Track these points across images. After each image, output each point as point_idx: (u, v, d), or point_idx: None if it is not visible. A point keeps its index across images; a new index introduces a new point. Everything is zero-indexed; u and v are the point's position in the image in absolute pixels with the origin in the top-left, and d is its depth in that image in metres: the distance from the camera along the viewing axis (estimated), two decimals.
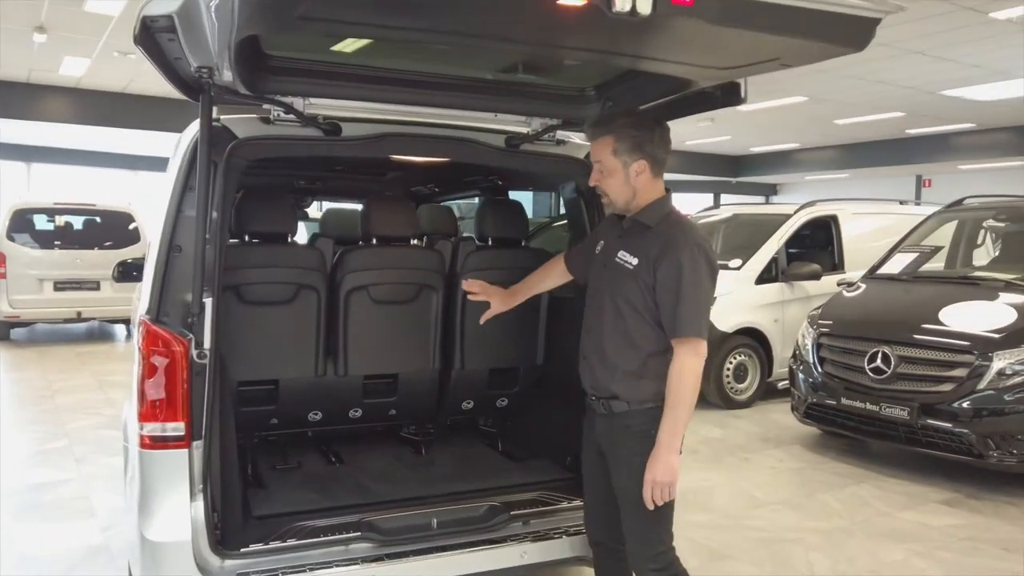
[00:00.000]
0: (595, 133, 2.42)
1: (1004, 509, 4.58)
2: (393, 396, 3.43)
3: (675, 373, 2.27)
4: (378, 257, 3.25)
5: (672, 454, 2.28)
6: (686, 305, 2.25)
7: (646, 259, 2.32)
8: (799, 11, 1.72)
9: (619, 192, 2.40)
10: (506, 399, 3.66)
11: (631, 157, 2.35)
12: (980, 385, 4.75)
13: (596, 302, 2.49)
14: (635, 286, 2.34)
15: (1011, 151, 15.52)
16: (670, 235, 2.32)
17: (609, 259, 2.45)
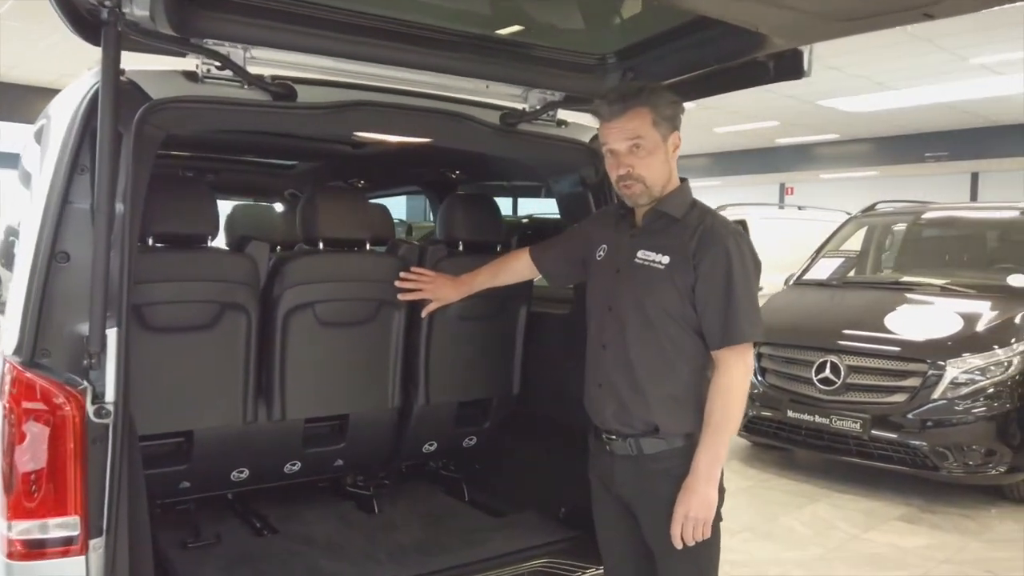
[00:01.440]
0: (627, 105, 1.93)
1: (963, 524, 4.45)
2: (341, 442, 2.70)
3: (722, 389, 1.89)
4: (328, 266, 2.52)
5: (711, 486, 1.89)
6: (738, 305, 1.88)
7: (682, 255, 1.92)
8: None
9: (659, 173, 1.97)
10: (475, 437, 3.02)
11: (669, 129, 1.97)
12: (934, 395, 4.61)
13: (614, 315, 2.02)
14: (670, 289, 1.93)
15: (868, 161, 16.48)
16: (707, 225, 1.95)
17: (625, 262, 2.01)
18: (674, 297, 1.92)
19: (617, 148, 1.96)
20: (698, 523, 1.89)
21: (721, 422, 1.88)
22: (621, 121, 1.94)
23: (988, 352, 4.65)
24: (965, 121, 13.38)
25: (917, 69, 9.71)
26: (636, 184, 1.96)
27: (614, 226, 2.12)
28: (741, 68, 2.17)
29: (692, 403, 1.94)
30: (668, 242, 1.95)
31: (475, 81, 2.27)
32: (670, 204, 1.99)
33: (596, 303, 2.11)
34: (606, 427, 2.03)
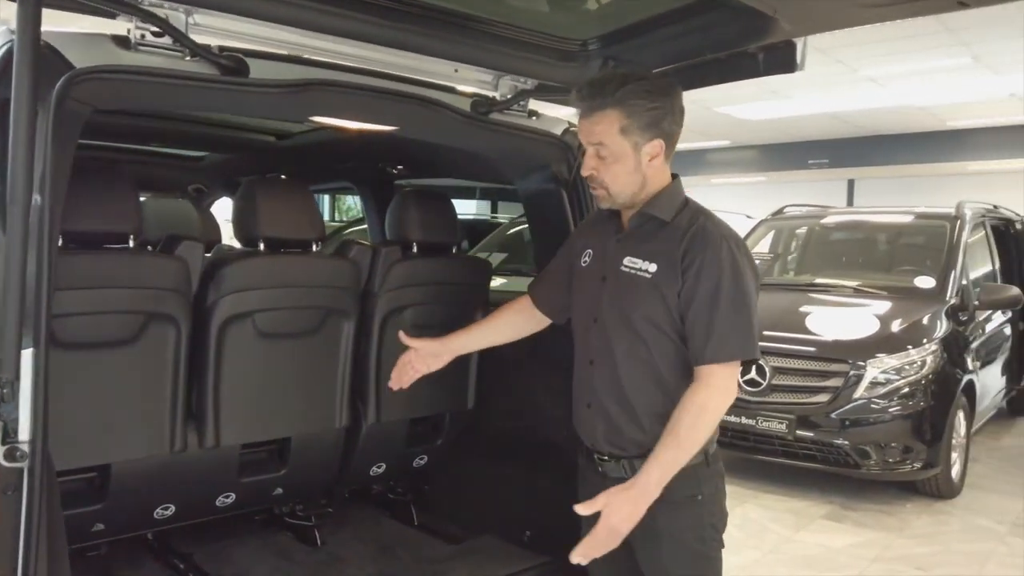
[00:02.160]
0: (594, 105, 1.73)
1: (884, 520, 4.57)
2: (282, 469, 2.39)
3: (695, 405, 1.68)
4: (270, 270, 2.21)
5: (646, 501, 1.70)
6: (726, 316, 1.68)
7: (669, 262, 1.74)
8: None
9: (625, 183, 1.77)
10: (425, 456, 2.77)
11: (644, 136, 1.74)
12: (855, 395, 4.71)
13: (600, 328, 1.83)
14: (657, 299, 1.74)
15: (756, 167, 17.16)
16: (697, 228, 1.75)
17: (611, 269, 1.83)
18: (662, 309, 1.74)
19: (584, 147, 1.80)
20: (616, 538, 1.71)
21: (685, 440, 1.69)
22: (589, 122, 1.75)
23: (903, 352, 4.80)
24: (845, 131, 14.13)
25: (810, 79, 10.10)
26: (599, 188, 1.80)
27: (600, 230, 1.93)
28: (729, 60, 2.06)
29: None
30: (656, 247, 1.77)
31: (443, 63, 2.04)
32: (658, 205, 1.80)
33: (581, 315, 1.92)
34: (597, 448, 1.87)
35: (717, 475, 1.83)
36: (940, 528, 4.45)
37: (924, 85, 10.23)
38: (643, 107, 1.71)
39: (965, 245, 5.65)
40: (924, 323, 5.05)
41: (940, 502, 4.85)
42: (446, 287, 2.57)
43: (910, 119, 12.74)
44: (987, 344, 5.74)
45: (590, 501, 1.73)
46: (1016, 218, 7.13)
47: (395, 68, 1.97)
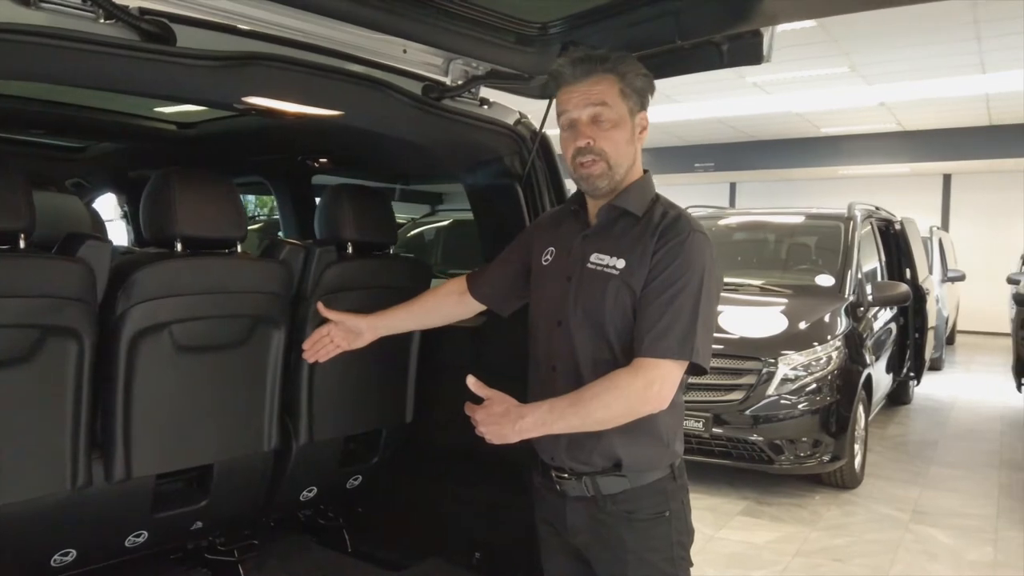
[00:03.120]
0: (590, 69, 1.63)
1: (798, 514, 4.68)
2: (202, 500, 2.10)
3: (615, 383, 1.54)
4: (190, 274, 1.92)
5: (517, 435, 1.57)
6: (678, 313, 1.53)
7: (640, 258, 1.61)
8: None
9: (624, 153, 1.65)
10: (360, 476, 2.53)
11: (637, 104, 1.66)
12: (768, 391, 4.81)
13: (564, 331, 1.69)
14: (626, 298, 1.61)
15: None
16: (670, 219, 1.64)
17: (577, 268, 1.69)
18: (631, 303, 1.61)
19: (577, 116, 1.63)
20: (490, 429, 1.58)
21: (581, 403, 1.54)
22: (585, 84, 1.62)
23: (810, 349, 4.94)
24: (731, 136, 14.73)
25: (701, 84, 10.43)
26: (598, 162, 1.63)
27: (563, 227, 1.80)
28: (693, 50, 1.96)
29: (660, 434, 1.65)
30: (626, 243, 1.65)
31: (391, 43, 1.84)
32: (630, 198, 1.68)
33: (543, 316, 1.76)
34: (557, 464, 1.72)
35: (683, 489, 1.73)
36: (849, 519, 4.60)
37: (805, 92, 10.77)
38: (635, 73, 1.65)
39: (859, 244, 5.92)
40: (827, 320, 5.23)
41: (845, 492, 5.03)
42: (384, 291, 2.35)
43: (789, 125, 13.41)
44: (878, 339, 6.04)
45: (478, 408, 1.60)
46: (894, 219, 7.57)
47: (340, 45, 1.75)
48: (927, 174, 14.59)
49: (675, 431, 1.69)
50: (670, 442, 1.66)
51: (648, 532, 1.66)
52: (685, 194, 13.99)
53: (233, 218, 2.02)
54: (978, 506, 4.79)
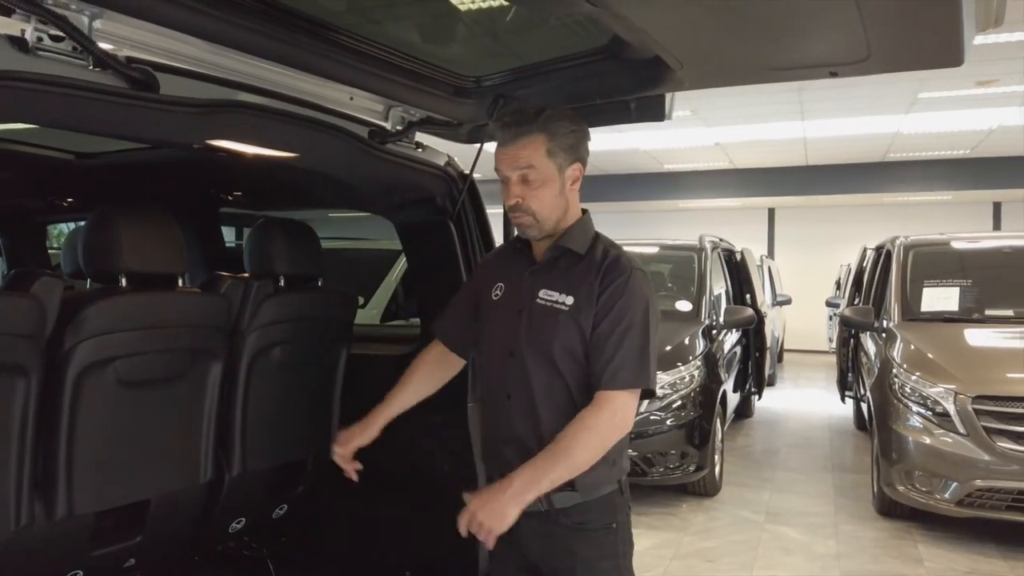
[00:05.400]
0: (520, 131, 1.75)
1: (671, 521, 5.07)
2: (137, 536, 2.07)
3: (583, 424, 1.68)
4: (137, 309, 1.92)
5: (514, 505, 1.67)
6: (628, 347, 1.70)
7: (587, 295, 1.75)
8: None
9: (552, 207, 1.78)
10: (286, 505, 2.56)
11: (567, 159, 1.79)
12: (640, 409, 5.20)
13: (517, 361, 1.81)
14: (575, 331, 1.75)
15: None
16: (612, 259, 1.78)
17: (526, 302, 1.82)
18: (579, 341, 1.75)
19: (507, 176, 1.78)
20: (482, 527, 1.69)
21: (561, 452, 1.66)
22: (514, 148, 1.76)
23: (675, 369, 5.39)
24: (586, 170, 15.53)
25: None
26: (526, 216, 1.78)
27: (511, 263, 1.93)
28: (607, 106, 2.22)
29: (609, 455, 1.75)
30: (573, 280, 1.78)
31: (341, 90, 1.98)
32: (572, 238, 1.82)
33: (495, 348, 1.88)
34: None
35: (628, 503, 1.88)
36: (714, 523, 5.04)
37: (652, 132, 11.62)
38: (565, 130, 1.76)
39: (710, 272, 6.52)
40: (687, 342, 5.72)
41: (708, 500, 5.50)
42: (313, 322, 2.43)
43: (637, 161, 14.36)
44: (728, 358, 6.65)
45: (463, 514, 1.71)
46: (735, 249, 8.36)
47: (296, 92, 1.86)
48: (755, 207, 16.10)
49: (621, 451, 1.81)
50: (616, 460, 1.79)
51: (598, 542, 1.80)
52: None
53: (176, 253, 2.04)
54: (819, 505, 5.41)
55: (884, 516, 5.05)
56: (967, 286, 5.42)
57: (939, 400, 4.50)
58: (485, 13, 1.99)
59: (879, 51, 1.63)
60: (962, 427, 4.37)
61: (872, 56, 1.66)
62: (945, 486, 4.42)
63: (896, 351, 5.03)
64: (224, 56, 1.66)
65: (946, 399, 4.46)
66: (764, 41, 1.70)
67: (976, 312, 5.29)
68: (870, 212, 15.25)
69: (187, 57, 1.59)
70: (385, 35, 1.95)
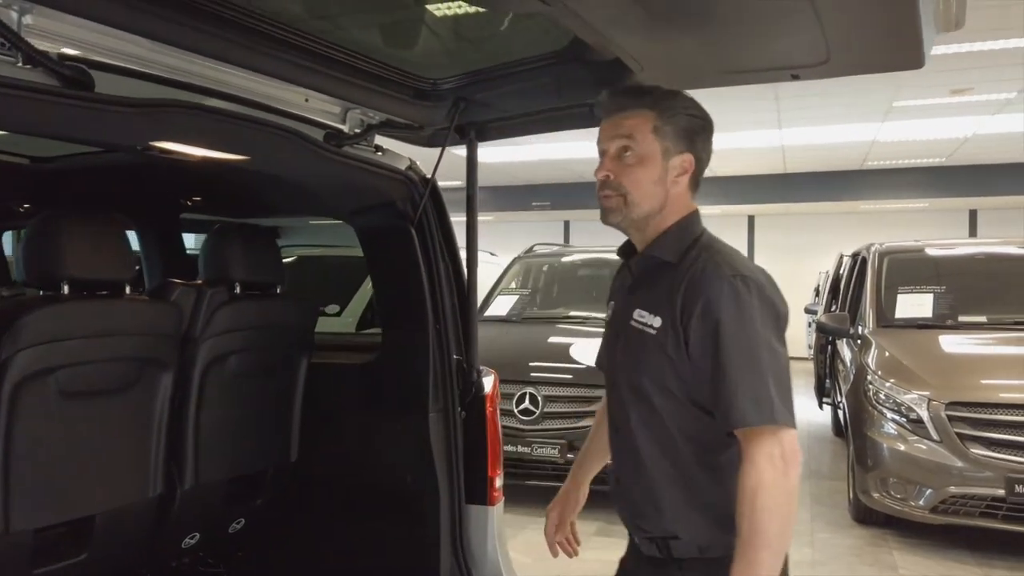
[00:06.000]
0: (627, 103, 1.57)
1: None
2: (82, 553, 1.99)
3: (747, 492, 1.39)
4: (80, 317, 1.85)
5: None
6: (733, 375, 1.40)
7: (671, 314, 1.48)
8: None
9: (647, 193, 1.54)
10: (243, 519, 2.49)
11: (677, 145, 1.55)
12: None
13: (618, 392, 1.63)
14: (664, 361, 1.50)
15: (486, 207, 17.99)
16: (696, 270, 1.49)
17: (623, 324, 1.59)
18: (670, 372, 1.49)
19: (604, 148, 1.58)
20: None
21: (751, 535, 1.37)
22: (616, 117, 1.56)
23: None
24: (565, 177, 15.55)
25: None
26: (613, 196, 1.54)
27: (621, 275, 1.71)
28: (568, 110, 2.19)
29: (714, 508, 1.49)
30: (661, 297, 1.51)
31: (295, 92, 1.92)
32: (663, 244, 1.55)
33: (607, 375, 1.70)
34: (628, 525, 1.72)
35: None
36: None
37: None
38: (681, 112, 1.55)
39: None
40: None
41: None
42: (272, 330, 2.37)
43: None
44: None
45: None
46: None
47: (249, 93, 1.81)
48: (735, 215, 16.18)
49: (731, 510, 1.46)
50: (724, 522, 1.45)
51: None
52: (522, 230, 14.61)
53: (121, 259, 1.98)
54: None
55: (860, 523, 5.04)
56: (941, 292, 5.44)
57: (913, 407, 4.50)
58: (444, 15, 1.95)
59: (839, 54, 1.60)
60: (936, 434, 4.37)
61: (832, 59, 1.64)
62: (920, 493, 4.41)
63: (871, 358, 5.03)
64: (170, 55, 1.60)
65: (920, 406, 4.46)
66: (723, 43, 1.68)
67: (950, 318, 5.31)
68: (849, 220, 15.37)
69: (129, 56, 1.53)
70: (342, 36, 1.90)
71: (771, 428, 1.39)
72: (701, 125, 1.59)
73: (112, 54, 1.50)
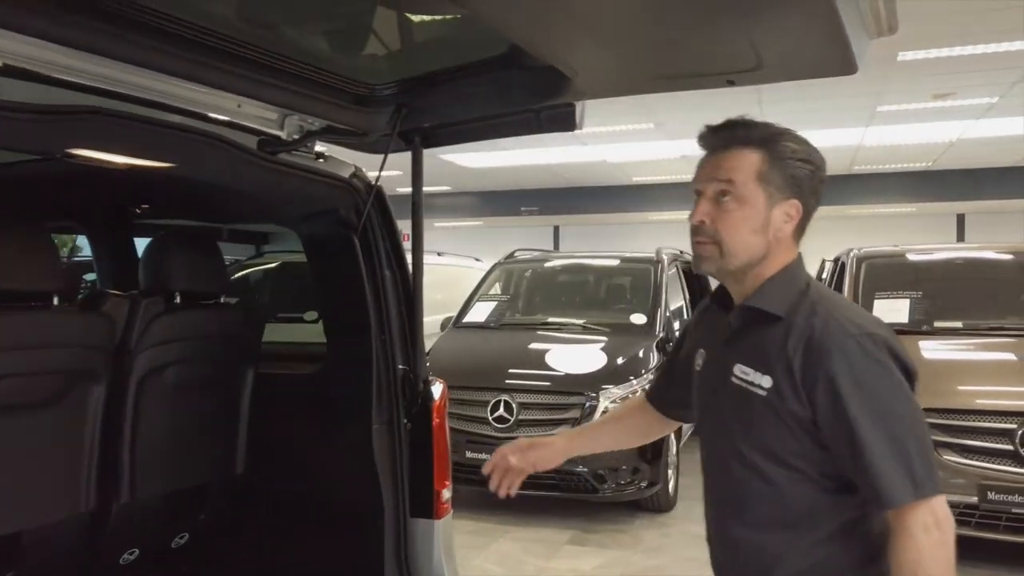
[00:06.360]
0: (733, 140, 1.43)
1: (621, 539, 4.99)
2: (9, 571, 1.94)
3: (906, 566, 1.27)
4: (2, 329, 1.80)
5: None
6: (878, 450, 1.27)
7: (787, 376, 1.34)
8: None
9: (745, 242, 1.41)
10: (187, 534, 2.44)
11: (783, 192, 1.40)
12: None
13: (716, 457, 1.50)
14: (776, 425, 1.36)
15: (475, 212, 18.08)
16: (813, 330, 1.34)
17: (721, 380, 1.46)
18: (785, 435, 1.35)
19: (700, 189, 1.44)
20: None
21: None
22: (717, 157, 1.43)
23: (627, 383, 5.32)
24: (553, 182, 15.53)
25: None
26: (708, 244, 1.42)
27: (713, 324, 1.57)
28: (515, 116, 2.16)
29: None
30: (770, 354, 1.37)
31: (225, 97, 1.88)
32: (766, 295, 1.41)
33: (700, 433, 1.57)
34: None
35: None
36: (665, 540, 4.96)
37: (617, 145, 11.63)
38: (793, 157, 1.40)
39: (666, 285, 6.47)
40: (641, 356, 5.66)
41: (662, 515, 5.42)
42: (214, 341, 2.32)
43: (605, 174, 14.38)
44: None
45: None
46: None
47: (174, 99, 1.76)
48: None
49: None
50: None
51: None
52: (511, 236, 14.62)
53: (48, 269, 1.93)
54: None
55: None
56: (918, 298, 5.41)
57: None
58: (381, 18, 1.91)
59: (769, 60, 1.57)
60: None
61: (764, 65, 1.61)
62: None
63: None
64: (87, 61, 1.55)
65: None
66: (657, 49, 1.64)
67: (926, 324, 5.27)
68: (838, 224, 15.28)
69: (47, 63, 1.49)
70: (276, 41, 1.86)
71: (925, 501, 1.28)
72: (813, 173, 1.42)
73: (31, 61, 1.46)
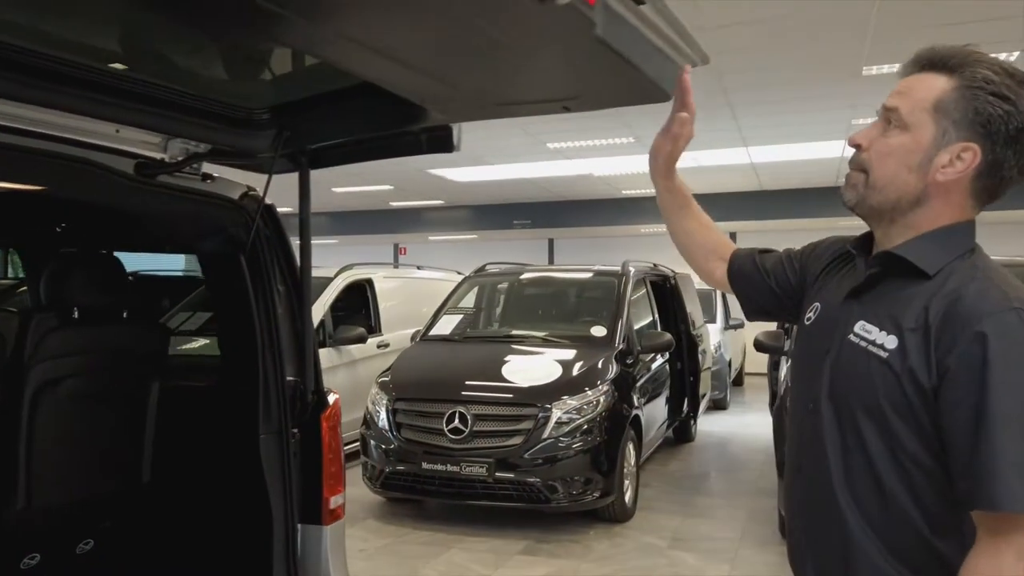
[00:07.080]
0: (921, 60, 1.25)
1: (573, 549, 5.04)
2: None
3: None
4: None
5: None
6: (997, 443, 1.08)
7: (918, 343, 1.17)
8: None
9: (892, 178, 1.23)
10: (92, 540, 2.53)
11: (962, 132, 1.19)
12: (544, 435, 5.19)
13: (815, 422, 1.30)
14: (895, 393, 1.18)
15: (468, 226, 18.20)
16: (966, 291, 1.16)
17: (837, 338, 1.28)
18: (904, 408, 1.17)
19: (879, 111, 1.29)
20: None
21: None
22: (903, 81, 1.27)
23: (581, 394, 5.40)
24: (543, 195, 15.64)
25: (507, 149, 11.10)
26: (855, 173, 1.27)
27: (835, 274, 1.40)
28: (398, 137, 2.25)
29: None
30: (903, 312, 1.20)
31: (102, 124, 1.98)
32: (918, 249, 1.22)
33: (798, 397, 1.37)
34: None
35: None
36: (617, 549, 5.02)
37: (599, 159, 11.73)
38: (985, 89, 1.17)
39: (629, 298, 6.54)
40: (598, 367, 5.73)
41: (617, 526, 5.47)
42: (113, 355, 2.42)
43: (594, 187, 14.47)
44: (650, 383, 6.65)
45: None
46: (671, 274, 8.41)
47: (46, 127, 1.87)
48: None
49: None
50: None
51: None
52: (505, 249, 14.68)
53: None
54: (727, 530, 5.39)
55: None
56: None
57: None
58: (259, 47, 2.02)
59: (584, 91, 1.67)
60: None
61: (583, 95, 1.70)
62: None
63: (789, 373, 5.05)
64: None
65: None
66: (490, 79, 1.73)
67: None
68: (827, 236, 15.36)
69: None
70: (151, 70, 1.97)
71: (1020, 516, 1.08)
72: (1005, 113, 1.16)
73: None
